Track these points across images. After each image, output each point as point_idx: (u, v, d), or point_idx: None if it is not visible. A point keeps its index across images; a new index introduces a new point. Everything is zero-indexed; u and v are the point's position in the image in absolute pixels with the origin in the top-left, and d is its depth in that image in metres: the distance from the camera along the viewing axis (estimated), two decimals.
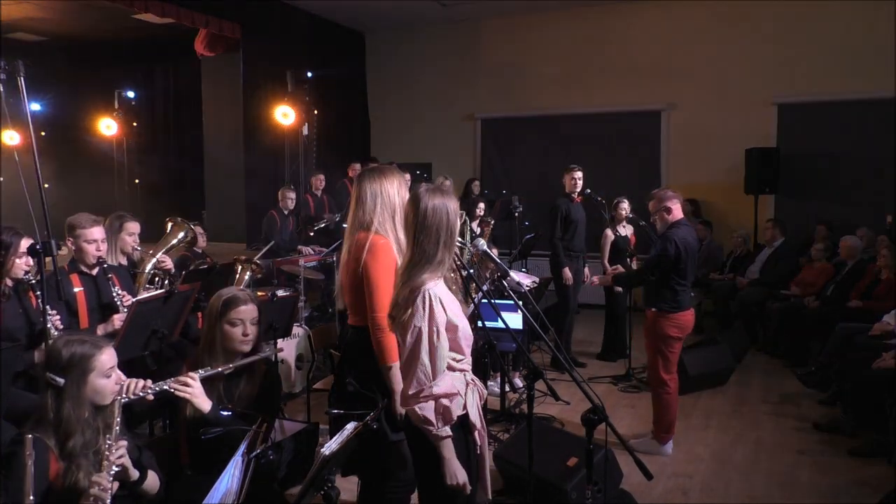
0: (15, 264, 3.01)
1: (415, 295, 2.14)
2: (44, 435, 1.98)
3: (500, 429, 4.58)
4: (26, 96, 2.49)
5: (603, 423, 2.34)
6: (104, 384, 2.08)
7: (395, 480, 2.67)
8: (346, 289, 2.75)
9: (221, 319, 2.58)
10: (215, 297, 2.66)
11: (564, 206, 6.05)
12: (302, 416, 4.48)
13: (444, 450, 2.12)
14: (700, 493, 3.78)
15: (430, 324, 2.12)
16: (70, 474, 1.97)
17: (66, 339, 2.12)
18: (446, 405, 2.12)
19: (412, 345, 2.13)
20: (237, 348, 2.60)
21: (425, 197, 2.21)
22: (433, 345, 2.12)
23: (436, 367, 2.13)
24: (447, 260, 2.22)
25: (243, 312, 2.60)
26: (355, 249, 2.66)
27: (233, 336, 2.59)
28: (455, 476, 2.12)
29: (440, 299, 2.15)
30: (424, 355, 2.11)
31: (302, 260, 6.09)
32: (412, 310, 2.13)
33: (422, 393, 2.11)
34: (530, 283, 5.11)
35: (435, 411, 2.11)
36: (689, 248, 4.13)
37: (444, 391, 2.13)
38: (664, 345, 4.19)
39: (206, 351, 2.59)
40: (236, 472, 2.30)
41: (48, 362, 2.05)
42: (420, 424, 2.12)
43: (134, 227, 3.99)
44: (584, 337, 6.89)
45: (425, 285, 2.14)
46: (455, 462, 2.13)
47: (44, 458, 1.96)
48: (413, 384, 2.12)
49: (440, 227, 2.19)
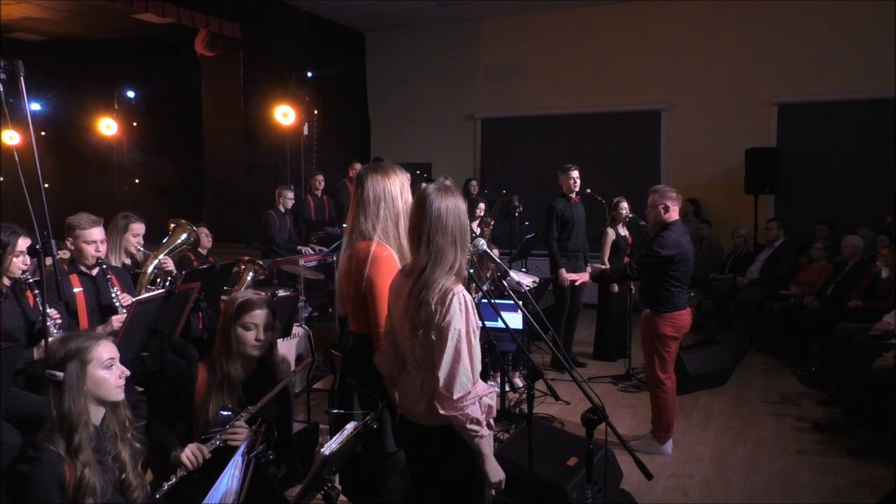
0: (12, 263, 3.01)
1: (450, 297, 2.11)
2: (53, 439, 1.98)
3: (500, 429, 4.58)
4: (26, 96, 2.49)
5: (603, 422, 2.34)
6: (105, 376, 2.07)
7: (385, 489, 2.64)
8: (347, 298, 2.69)
9: (235, 322, 2.56)
10: (230, 300, 2.65)
11: (560, 206, 6.03)
12: (302, 416, 4.48)
13: (485, 447, 2.14)
14: (700, 493, 3.78)
15: (467, 325, 2.11)
16: (76, 469, 1.97)
17: (63, 337, 2.14)
18: (490, 403, 2.16)
19: (455, 348, 2.10)
20: (249, 353, 2.58)
21: (436, 198, 2.18)
22: (472, 346, 2.13)
23: (474, 368, 2.14)
24: (464, 264, 2.20)
25: (257, 317, 2.57)
26: (357, 261, 2.57)
27: (245, 340, 2.56)
28: (497, 473, 2.15)
29: (471, 302, 2.15)
30: (466, 358, 2.10)
31: (302, 260, 6.09)
32: (449, 314, 2.09)
33: (469, 396, 2.10)
34: (530, 283, 5.11)
35: (481, 411, 2.13)
36: (683, 251, 4.12)
37: (484, 390, 2.16)
38: (660, 344, 4.19)
39: (222, 354, 2.57)
40: (236, 472, 2.30)
41: (47, 361, 2.06)
42: (469, 426, 2.10)
43: (139, 229, 4.01)
44: (585, 337, 6.89)
45: (455, 287, 2.13)
46: (494, 459, 2.16)
47: (60, 472, 1.95)
48: (457, 388, 2.09)
49: (455, 228, 2.18)
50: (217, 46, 9.48)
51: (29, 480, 1.90)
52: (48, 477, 1.91)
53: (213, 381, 2.54)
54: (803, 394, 5.44)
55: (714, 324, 7.38)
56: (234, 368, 2.55)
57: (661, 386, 4.23)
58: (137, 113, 11.91)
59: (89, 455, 1.99)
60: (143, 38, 10.45)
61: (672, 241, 4.10)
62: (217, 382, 2.53)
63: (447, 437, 2.16)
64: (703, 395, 5.38)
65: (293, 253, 6.96)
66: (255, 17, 8.67)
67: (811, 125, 8.11)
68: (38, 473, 1.91)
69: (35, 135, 2.64)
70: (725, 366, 5.64)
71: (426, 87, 10.20)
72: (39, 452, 1.94)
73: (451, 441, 2.16)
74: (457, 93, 10.00)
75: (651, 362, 4.26)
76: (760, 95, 8.24)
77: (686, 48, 8.62)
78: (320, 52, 9.57)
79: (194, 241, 4.54)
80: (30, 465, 1.92)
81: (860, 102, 7.78)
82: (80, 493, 1.95)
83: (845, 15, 7.77)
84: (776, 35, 8.13)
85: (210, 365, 2.58)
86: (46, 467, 1.92)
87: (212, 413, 2.48)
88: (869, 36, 7.65)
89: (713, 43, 8.47)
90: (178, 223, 4.20)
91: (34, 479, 1.90)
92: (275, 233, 7.16)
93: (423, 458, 2.32)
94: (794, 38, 8.05)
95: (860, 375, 4.55)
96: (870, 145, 7.74)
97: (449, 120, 10.08)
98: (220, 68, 9.96)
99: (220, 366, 2.55)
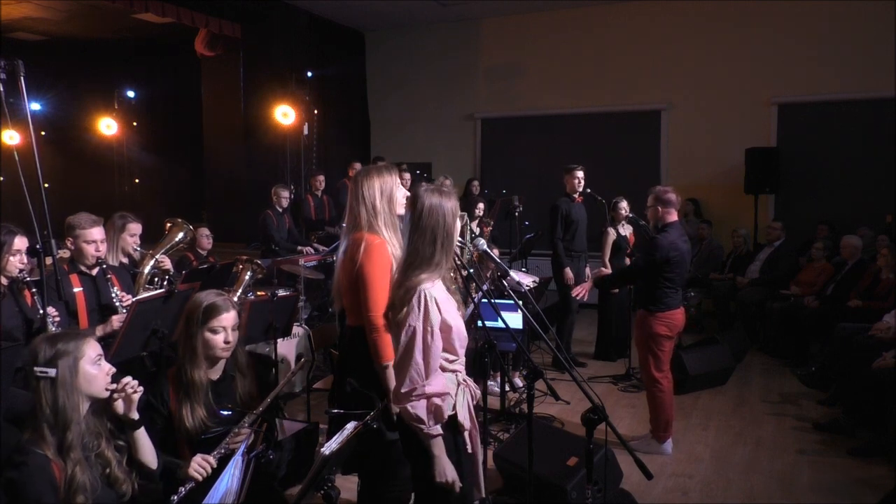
0: (9, 262, 3.01)
1: (410, 294, 2.15)
2: (41, 439, 1.97)
3: (500, 429, 4.57)
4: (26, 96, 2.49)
5: (603, 422, 2.34)
6: (94, 373, 2.07)
7: (395, 479, 2.67)
8: (344, 290, 2.75)
9: (202, 327, 2.52)
10: (194, 304, 2.57)
11: (565, 206, 6.05)
12: (302, 416, 4.48)
13: (435, 448, 2.15)
14: (700, 493, 3.78)
15: (424, 323, 2.13)
16: (66, 468, 1.97)
17: (49, 336, 2.12)
18: (438, 404, 2.14)
19: (406, 343, 2.14)
20: (219, 355, 2.55)
21: (423, 196, 2.21)
22: (427, 344, 2.14)
23: (429, 366, 2.14)
24: (445, 261, 2.23)
25: (225, 320, 2.53)
26: (351, 250, 2.68)
27: (214, 343, 2.52)
28: (444, 473, 2.15)
29: (435, 299, 2.16)
30: (418, 354, 2.13)
31: (302, 260, 6.09)
32: (407, 309, 2.15)
33: (414, 392, 2.13)
34: (530, 283, 5.11)
35: (427, 410, 2.13)
36: (678, 252, 4.13)
37: (436, 390, 2.15)
38: (654, 343, 4.20)
39: (188, 359, 2.51)
40: (236, 472, 2.30)
41: (33, 360, 2.05)
42: (411, 422, 2.14)
43: (136, 228, 4.01)
44: (585, 337, 6.89)
45: (422, 285, 2.16)
46: (444, 460, 2.16)
47: (49, 473, 1.94)
48: (406, 383, 2.14)
49: (436, 228, 2.19)
50: (217, 46, 9.48)
51: (19, 486, 1.91)
52: (37, 480, 1.91)
53: (181, 388, 2.49)
54: (803, 394, 5.44)
55: (714, 324, 7.38)
56: (199, 373, 2.50)
57: (657, 385, 4.24)
58: (137, 113, 11.91)
59: (80, 453, 2.00)
60: (143, 38, 10.45)
61: (667, 243, 4.11)
62: (184, 389, 2.49)
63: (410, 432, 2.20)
64: (703, 395, 5.38)
65: (293, 252, 6.96)
66: (255, 17, 8.67)
67: (811, 125, 8.11)
68: (26, 478, 1.91)
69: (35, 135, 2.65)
70: (725, 366, 5.64)
71: (426, 87, 10.20)
72: (25, 457, 1.94)
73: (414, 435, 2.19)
74: (457, 93, 10.00)
75: (646, 362, 4.27)
76: (760, 95, 8.24)
77: (686, 48, 8.62)
78: (320, 52, 9.57)
79: (191, 240, 4.54)
80: (17, 471, 1.92)
81: (860, 102, 7.78)
82: (71, 491, 1.95)
83: (845, 15, 7.77)
84: (776, 35, 8.13)
85: (176, 373, 2.54)
86: (34, 471, 1.92)
87: (189, 422, 2.44)
88: (869, 36, 7.64)
89: (713, 43, 8.47)
90: (174, 222, 4.20)
91: (23, 483, 1.91)
92: (273, 232, 7.15)
93: (406, 447, 2.34)
94: (794, 38, 8.05)
95: (860, 375, 4.55)
96: (870, 145, 7.74)
97: (449, 120, 10.08)
98: (220, 68, 9.96)
99: (185, 372, 2.50)
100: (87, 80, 11.26)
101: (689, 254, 4.40)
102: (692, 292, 7.24)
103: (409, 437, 2.22)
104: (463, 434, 2.27)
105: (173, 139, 11.65)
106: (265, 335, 4.14)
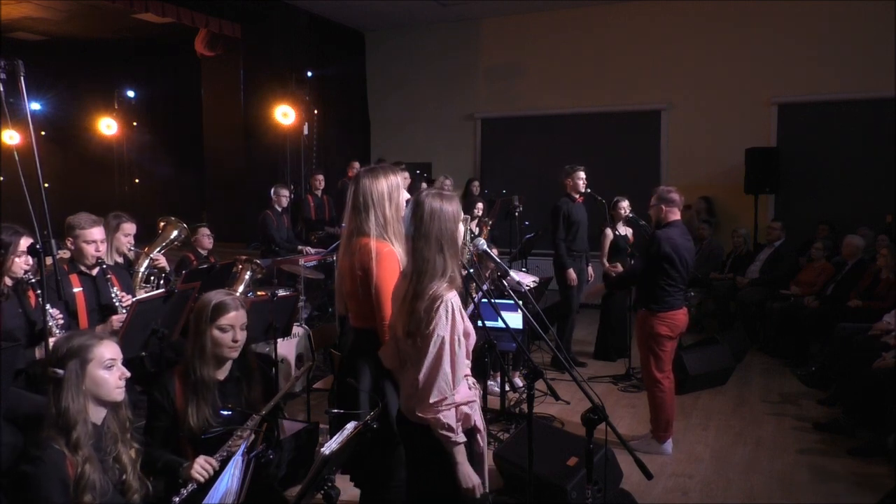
0: (14, 263, 3.00)
1: (437, 305, 2.13)
2: (53, 437, 1.97)
3: (500, 429, 4.57)
4: (26, 96, 2.49)
5: (603, 422, 2.34)
6: (104, 376, 2.07)
7: (395, 480, 2.67)
8: (349, 294, 2.73)
9: (211, 325, 2.52)
10: (202, 302, 2.58)
11: (566, 206, 6.05)
12: (302, 416, 4.48)
13: (458, 455, 2.15)
14: (700, 493, 3.78)
15: (451, 333, 2.13)
16: (77, 465, 1.97)
17: (67, 335, 2.16)
18: (467, 412, 2.17)
19: (436, 354, 2.13)
20: (226, 354, 2.55)
21: (425, 202, 2.20)
22: (455, 353, 2.14)
23: (456, 375, 2.15)
24: (457, 272, 2.21)
25: (233, 318, 2.53)
26: (360, 258, 2.62)
27: (222, 342, 2.52)
28: (469, 479, 2.16)
29: (459, 308, 2.17)
30: (447, 364, 2.13)
31: (302, 260, 6.08)
32: (435, 320, 2.12)
33: (444, 401, 2.12)
34: (530, 283, 5.11)
35: (456, 418, 2.14)
36: (679, 251, 4.12)
37: (464, 398, 2.17)
38: (655, 343, 4.19)
39: (196, 357, 2.52)
40: (236, 472, 2.30)
41: (50, 359, 2.06)
42: (441, 431, 2.13)
43: (130, 228, 4.01)
44: (584, 337, 6.89)
45: (445, 295, 2.14)
46: (468, 466, 2.17)
47: (64, 470, 1.94)
48: (434, 393, 2.13)
49: (440, 235, 2.18)
50: (217, 46, 9.48)
51: (32, 480, 1.90)
52: (52, 476, 1.91)
53: (188, 386, 2.49)
54: (803, 394, 5.44)
55: (714, 324, 7.37)
56: (208, 371, 2.51)
57: (658, 385, 4.23)
58: (137, 113, 11.91)
59: (89, 451, 2.00)
60: (143, 38, 10.46)
61: (666, 237, 4.10)
62: (192, 387, 2.49)
63: (431, 437, 2.18)
64: (703, 395, 5.38)
65: (293, 252, 6.96)
66: (255, 17, 8.67)
67: (811, 125, 8.11)
68: (41, 473, 1.91)
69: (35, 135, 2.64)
70: (725, 366, 5.64)
71: (426, 87, 10.20)
72: (42, 452, 1.94)
73: (434, 441, 2.18)
74: (457, 93, 10.00)
75: (647, 362, 4.26)
76: (760, 95, 8.24)
77: (686, 48, 8.62)
78: (320, 52, 9.57)
79: (186, 237, 4.54)
80: (33, 466, 1.92)
81: (860, 102, 7.78)
82: (79, 488, 1.95)
83: (845, 15, 7.77)
84: (776, 35, 8.13)
85: (184, 370, 2.54)
86: (50, 467, 1.91)
87: (193, 421, 2.45)
88: (869, 36, 7.64)
89: (713, 43, 8.47)
90: (167, 220, 4.21)
91: (38, 478, 1.90)
92: (273, 232, 7.15)
93: (413, 452, 2.34)
94: (794, 38, 8.05)
95: (860, 375, 4.55)
96: (870, 145, 7.74)
97: (449, 120, 10.08)
98: (220, 68, 9.97)
99: (195, 370, 2.50)
100: (87, 80, 11.27)
101: (693, 252, 4.39)
102: (692, 292, 7.24)
103: (417, 446, 2.22)
104: (476, 436, 2.28)
105: (173, 139, 11.65)
106: (265, 335, 4.14)
